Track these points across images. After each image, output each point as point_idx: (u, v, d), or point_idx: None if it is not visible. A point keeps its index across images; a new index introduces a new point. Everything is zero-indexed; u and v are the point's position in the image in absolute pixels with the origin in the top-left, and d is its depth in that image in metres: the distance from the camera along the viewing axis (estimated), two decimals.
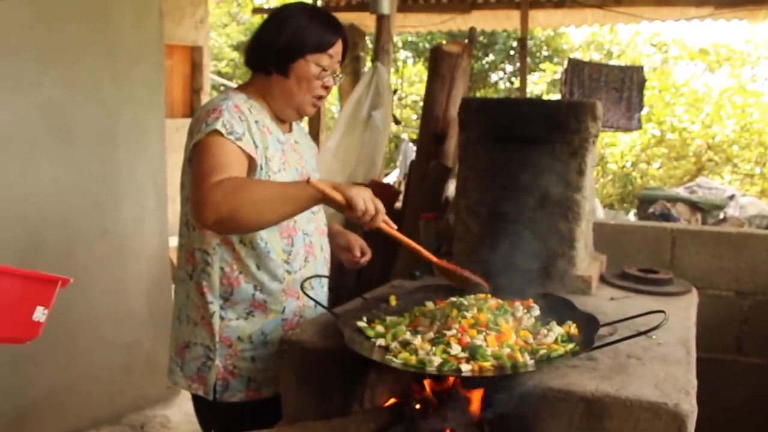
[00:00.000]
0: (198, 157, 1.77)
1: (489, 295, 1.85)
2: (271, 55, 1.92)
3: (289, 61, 1.91)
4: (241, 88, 2.00)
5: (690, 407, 1.38)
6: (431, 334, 1.58)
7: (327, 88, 1.98)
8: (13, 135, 3.15)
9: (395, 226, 1.76)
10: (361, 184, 3.63)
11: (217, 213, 1.63)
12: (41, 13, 3.21)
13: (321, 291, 2.06)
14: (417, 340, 1.57)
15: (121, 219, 3.69)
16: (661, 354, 1.68)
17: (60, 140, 3.35)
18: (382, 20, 4.20)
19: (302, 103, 1.96)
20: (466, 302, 1.72)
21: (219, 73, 11.94)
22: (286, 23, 1.92)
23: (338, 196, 1.62)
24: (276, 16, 1.96)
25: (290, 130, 2.07)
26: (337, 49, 1.95)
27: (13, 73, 3.13)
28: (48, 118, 3.29)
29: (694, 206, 6.38)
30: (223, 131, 1.76)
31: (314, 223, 2.02)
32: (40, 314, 1.17)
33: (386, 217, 1.72)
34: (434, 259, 1.91)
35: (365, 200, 1.63)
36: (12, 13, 3.08)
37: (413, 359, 1.52)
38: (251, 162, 1.82)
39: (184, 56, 8.08)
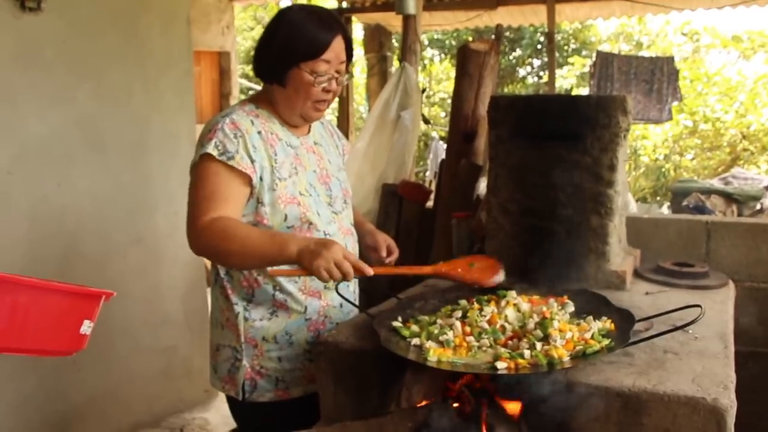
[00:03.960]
0: (193, 182, 1.87)
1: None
2: (267, 65, 1.93)
3: (284, 70, 1.88)
4: (252, 98, 2.01)
5: (729, 402, 1.37)
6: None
7: (330, 92, 1.93)
8: (50, 147, 3.22)
9: (370, 271, 1.69)
10: (395, 184, 3.64)
11: (204, 252, 1.85)
12: (74, 26, 3.28)
13: (347, 291, 2.05)
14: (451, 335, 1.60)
15: (155, 226, 3.75)
16: (698, 348, 1.66)
17: (94, 151, 3.41)
18: (408, 20, 4.21)
19: (304, 109, 1.93)
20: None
21: (246, 77, 12.04)
22: (277, 32, 1.89)
23: (300, 273, 1.69)
24: (271, 23, 1.94)
25: (308, 132, 2.07)
26: (335, 51, 1.88)
27: (48, 87, 3.20)
28: (82, 130, 3.36)
29: (729, 198, 6.29)
30: (215, 153, 1.81)
31: (336, 223, 2.02)
32: (86, 327, 1.21)
33: (360, 264, 1.68)
34: (431, 270, 1.86)
35: (329, 269, 1.62)
36: (47, 27, 3.15)
37: (448, 354, 1.54)
38: (245, 177, 1.85)
39: (212, 62, 8.17)
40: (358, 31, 10.70)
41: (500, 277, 1.79)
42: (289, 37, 1.87)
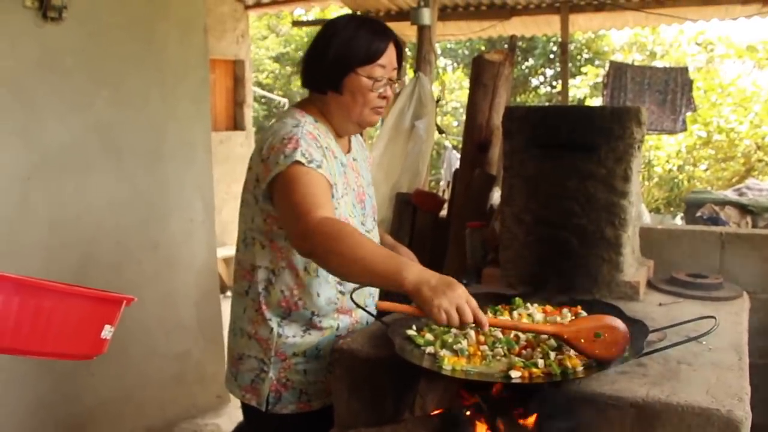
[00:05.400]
0: (286, 189, 1.76)
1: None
2: (322, 73, 1.91)
3: (340, 77, 1.87)
4: (304, 109, 1.97)
5: (744, 413, 1.37)
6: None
7: (385, 98, 1.93)
8: (69, 154, 3.26)
9: (486, 325, 1.51)
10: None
11: (314, 250, 1.65)
12: (93, 35, 3.32)
13: (372, 304, 2.06)
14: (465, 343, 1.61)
15: (170, 232, 3.78)
16: (712, 360, 1.66)
17: (112, 157, 3.45)
18: (423, 31, 4.24)
19: (361, 116, 1.92)
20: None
21: (260, 85, 12.12)
22: (332, 39, 1.89)
23: (412, 311, 1.53)
24: (323, 32, 1.94)
25: (349, 150, 2.06)
26: (389, 57, 1.90)
27: (68, 94, 3.24)
28: (100, 136, 3.39)
29: (743, 209, 6.25)
30: (304, 161, 1.75)
31: None
32: (107, 332, 1.23)
33: (479, 314, 1.49)
34: (552, 330, 1.60)
35: (449, 313, 1.46)
36: (67, 36, 3.19)
37: (462, 363, 1.55)
38: (331, 188, 1.81)
39: (227, 70, 8.21)
40: None
41: (624, 354, 1.54)
42: (346, 44, 1.87)
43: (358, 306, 1.91)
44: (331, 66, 1.88)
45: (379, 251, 1.61)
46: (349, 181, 1.98)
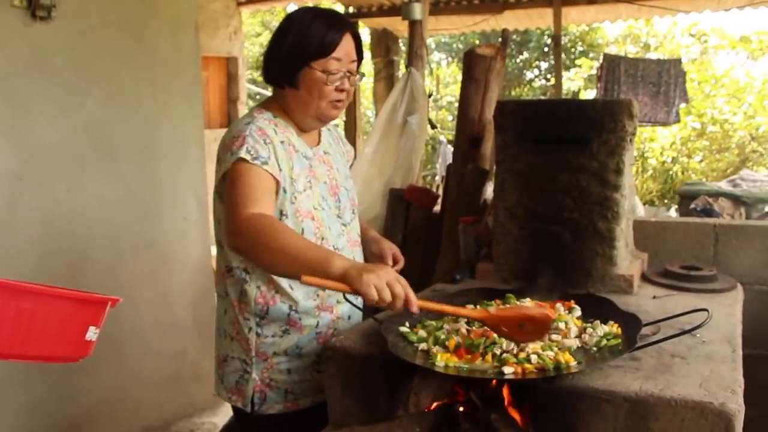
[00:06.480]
0: (229, 186, 1.80)
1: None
2: (277, 68, 1.90)
3: (293, 71, 1.86)
4: (266, 106, 1.97)
5: (737, 406, 1.36)
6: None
7: (343, 91, 1.90)
8: (61, 153, 3.25)
9: (416, 307, 1.53)
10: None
11: (243, 246, 1.73)
12: (83, 33, 3.30)
13: (355, 300, 2.04)
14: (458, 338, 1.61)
15: (164, 231, 3.77)
16: (705, 352, 1.66)
17: (104, 156, 3.43)
18: (414, 25, 4.22)
19: (319, 109, 1.90)
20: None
21: (254, 82, 12.07)
22: (286, 34, 1.87)
23: (343, 288, 1.52)
24: (280, 26, 1.92)
25: (318, 143, 2.04)
26: (345, 49, 1.86)
27: (58, 94, 3.23)
28: (92, 135, 3.38)
29: (737, 200, 6.26)
30: (248, 158, 1.76)
31: (345, 236, 2.00)
32: (92, 334, 1.22)
33: (410, 295, 1.52)
34: (477, 315, 1.64)
35: (380, 287, 1.48)
36: (57, 35, 3.17)
37: (455, 359, 1.54)
38: (276, 184, 1.82)
39: (220, 67, 8.19)
40: (365, 36, 10.72)
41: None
42: (298, 37, 1.84)
43: (352, 304, 1.91)
44: (286, 60, 1.87)
45: (307, 243, 1.68)
46: (318, 173, 1.96)
